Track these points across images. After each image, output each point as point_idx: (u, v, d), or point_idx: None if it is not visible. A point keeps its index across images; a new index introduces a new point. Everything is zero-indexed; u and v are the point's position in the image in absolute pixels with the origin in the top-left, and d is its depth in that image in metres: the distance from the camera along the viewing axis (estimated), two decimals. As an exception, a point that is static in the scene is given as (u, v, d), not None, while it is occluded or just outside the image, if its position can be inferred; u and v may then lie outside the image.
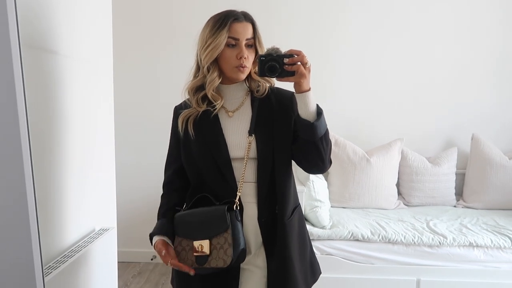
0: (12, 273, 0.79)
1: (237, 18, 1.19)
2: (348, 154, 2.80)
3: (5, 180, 0.80)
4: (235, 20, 1.18)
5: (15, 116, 0.74)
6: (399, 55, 3.05)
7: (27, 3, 1.26)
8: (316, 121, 1.13)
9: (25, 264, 0.78)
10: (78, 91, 1.58)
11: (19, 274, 0.79)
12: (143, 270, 3.09)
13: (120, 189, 2.37)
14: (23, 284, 0.78)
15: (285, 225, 1.23)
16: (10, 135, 0.78)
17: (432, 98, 3.07)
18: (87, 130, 1.68)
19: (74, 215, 1.57)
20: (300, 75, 1.10)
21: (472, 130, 2.97)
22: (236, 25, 1.18)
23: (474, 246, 2.26)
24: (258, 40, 1.23)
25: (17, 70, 0.74)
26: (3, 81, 0.80)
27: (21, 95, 0.75)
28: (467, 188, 2.92)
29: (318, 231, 2.32)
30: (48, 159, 1.40)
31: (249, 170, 1.22)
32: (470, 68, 3.04)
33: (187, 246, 1.19)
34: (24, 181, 0.75)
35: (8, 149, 0.76)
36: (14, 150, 0.78)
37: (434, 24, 3.01)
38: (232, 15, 1.19)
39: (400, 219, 2.55)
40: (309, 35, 3.03)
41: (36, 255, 0.77)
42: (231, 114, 1.26)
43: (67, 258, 1.42)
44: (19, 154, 0.76)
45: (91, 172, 1.72)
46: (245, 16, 1.21)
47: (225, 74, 1.23)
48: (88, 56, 1.68)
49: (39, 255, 0.79)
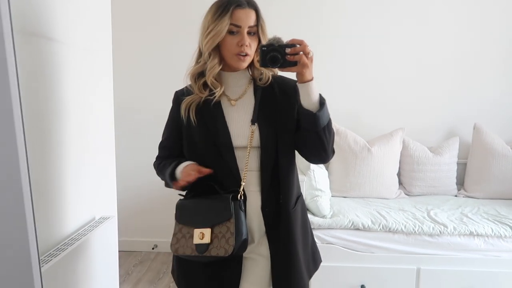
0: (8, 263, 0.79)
1: (240, 4, 1.16)
2: (349, 144, 2.79)
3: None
4: (237, 7, 1.16)
5: (8, 104, 0.73)
6: (401, 44, 3.02)
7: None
8: (318, 112, 1.12)
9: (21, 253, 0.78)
10: (76, 78, 1.57)
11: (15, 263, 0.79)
12: (145, 259, 3.11)
13: (121, 178, 2.37)
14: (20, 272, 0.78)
15: (289, 214, 1.23)
16: (4, 123, 0.77)
17: (434, 87, 3.04)
18: (86, 118, 1.68)
19: (73, 204, 1.57)
20: (302, 65, 1.09)
21: (474, 120, 2.95)
22: (239, 12, 1.16)
23: (475, 235, 2.26)
24: (261, 27, 1.20)
25: (10, 56, 0.72)
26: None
27: (14, 82, 0.74)
28: (468, 177, 2.91)
29: (318, 220, 2.32)
30: (46, 147, 1.39)
31: (253, 159, 1.22)
32: (473, 57, 3.01)
33: (187, 234, 1.18)
34: (19, 170, 0.75)
35: (2, 137, 0.76)
36: (8, 138, 0.77)
37: (436, 13, 2.98)
38: (235, 1, 1.16)
39: (401, 208, 2.55)
40: (309, 24, 3.00)
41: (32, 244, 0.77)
42: (234, 103, 1.25)
43: (67, 246, 1.42)
44: (14, 142, 0.75)
45: (90, 160, 1.71)
46: (249, 3, 1.18)
47: (226, 62, 1.22)
48: (86, 42, 1.67)
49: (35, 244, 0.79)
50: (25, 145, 0.78)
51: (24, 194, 0.76)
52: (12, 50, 0.74)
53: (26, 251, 0.76)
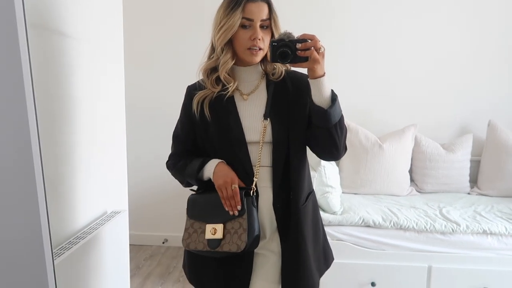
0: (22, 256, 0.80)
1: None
2: (361, 140, 2.76)
3: (14, 163, 0.80)
4: (249, 0, 1.14)
5: (22, 98, 0.74)
6: (413, 38, 2.97)
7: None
8: (330, 108, 1.10)
9: (34, 245, 0.79)
10: (87, 72, 1.58)
11: (28, 255, 0.80)
12: (155, 253, 3.14)
13: (132, 172, 2.39)
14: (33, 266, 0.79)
15: (299, 210, 1.22)
16: (18, 118, 0.78)
17: (447, 83, 3.00)
18: (97, 113, 1.68)
19: (85, 198, 1.58)
20: (313, 61, 1.07)
21: (488, 116, 2.90)
22: (251, 5, 1.14)
23: (488, 234, 2.22)
24: (274, 21, 1.19)
25: (23, 51, 0.73)
26: (10, 62, 0.79)
27: (28, 77, 0.75)
28: (482, 175, 2.87)
29: (329, 217, 2.31)
30: (58, 142, 1.40)
31: (265, 154, 1.21)
32: (487, 51, 2.95)
33: (199, 229, 1.18)
34: (33, 163, 0.75)
35: (16, 131, 0.76)
36: (22, 132, 0.78)
37: (449, 5, 2.92)
38: None
39: (413, 205, 2.52)
40: (320, 19, 2.97)
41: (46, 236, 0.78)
42: (246, 97, 1.24)
43: (79, 239, 1.43)
44: (27, 136, 0.76)
45: (101, 155, 1.72)
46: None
47: (239, 56, 1.21)
48: (97, 37, 1.67)
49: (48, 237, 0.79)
50: (38, 141, 0.78)
51: (38, 189, 0.76)
52: (25, 46, 0.74)
53: (39, 245, 0.76)
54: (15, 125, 0.76)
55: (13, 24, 0.76)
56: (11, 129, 0.77)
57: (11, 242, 0.80)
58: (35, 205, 0.76)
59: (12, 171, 0.78)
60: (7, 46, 0.74)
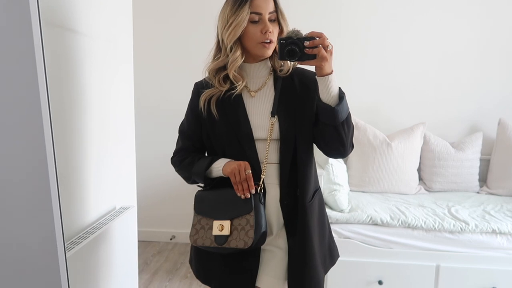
0: (35, 248, 0.81)
1: None
2: (369, 138, 2.75)
3: (27, 157, 0.81)
4: None
5: (36, 95, 0.75)
6: (422, 36, 2.95)
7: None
8: (337, 106, 1.11)
9: (47, 239, 0.80)
10: (98, 70, 1.59)
11: (41, 248, 0.82)
12: (163, 249, 3.16)
13: (140, 169, 2.41)
14: (46, 258, 0.80)
15: (306, 207, 1.23)
16: (32, 115, 0.79)
17: (456, 81, 2.97)
18: (107, 109, 1.70)
19: (95, 193, 1.60)
20: (321, 58, 1.07)
21: (498, 114, 2.87)
22: (257, 0, 1.15)
23: (497, 233, 2.20)
24: (281, 13, 1.19)
25: (38, 48, 0.74)
26: (25, 60, 0.81)
27: (42, 73, 0.76)
28: (491, 174, 2.84)
29: (336, 215, 2.30)
30: (69, 139, 1.42)
31: (272, 151, 1.21)
32: (496, 49, 2.91)
33: (206, 225, 1.19)
34: (46, 159, 0.77)
35: (31, 127, 0.77)
36: (37, 128, 0.79)
37: (458, 3, 2.89)
38: None
39: (421, 204, 2.51)
40: (328, 17, 2.96)
41: (58, 230, 0.79)
42: (254, 94, 1.24)
43: (89, 234, 1.45)
44: (41, 132, 0.77)
45: (111, 151, 1.74)
46: None
47: (250, 52, 1.21)
48: (108, 34, 1.68)
49: (61, 231, 0.81)
50: (52, 138, 0.79)
51: (51, 184, 0.78)
52: (40, 44, 0.75)
53: (52, 240, 0.78)
54: (30, 123, 0.78)
55: (28, 22, 0.77)
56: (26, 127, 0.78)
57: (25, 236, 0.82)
58: (48, 201, 0.78)
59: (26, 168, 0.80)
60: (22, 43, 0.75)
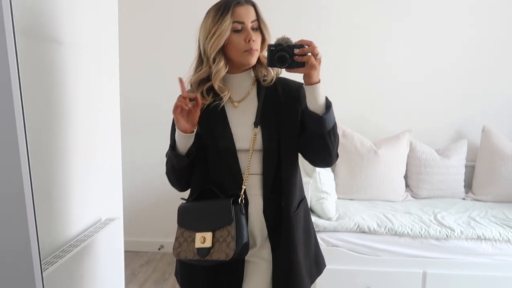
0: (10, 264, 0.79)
1: (238, 2, 1.16)
2: (356, 146, 2.77)
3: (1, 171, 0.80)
4: (237, 4, 1.16)
5: (10, 107, 0.74)
6: (408, 45, 3.00)
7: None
8: (324, 114, 1.11)
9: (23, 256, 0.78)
10: (82, 81, 1.59)
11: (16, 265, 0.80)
12: (151, 259, 3.13)
13: (128, 178, 2.39)
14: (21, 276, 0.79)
15: (290, 218, 1.23)
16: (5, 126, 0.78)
17: (441, 89, 3.02)
18: (93, 119, 1.69)
19: (79, 205, 1.59)
20: (310, 66, 1.07)
21: (482, 122, 2.92)
22: (239, 9, 1.16)
23: (482, 239, 2.23)
24: (263, 21, 1.20)
25: (12, 59, 0.73)
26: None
27: (16, 85, 0.75)
28: (476, 180, 2.88)
29: (324, 223, 2.31)
30: (52, 149, 1.41)
31: (255, 162, 1.21)
32: (481, 59, 2.98)
33: (189, 238, 1.18)
34: (21, 172, 0.75)
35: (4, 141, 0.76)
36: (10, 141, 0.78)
37: (442, 12, 2.95)
38: (234, 0, 1.16)
39: (408, 211, 2.53)
40: (314, 26, 2.99)
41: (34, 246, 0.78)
42: (237, 104, 1.24)
43: (73, 247, 1.43)
44: (15, 145, 0.76)
45: (96, 161, 1.73)
46: (246, 0, 1.19)
47: (234, 61, 1.20)
48: (92, 45, 1.68)
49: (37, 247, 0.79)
50: (26, 149, 0.78)
51: (26, 199, 0.77)
52: (13, 52, 0.74)
53: (28, 255, 0.76)
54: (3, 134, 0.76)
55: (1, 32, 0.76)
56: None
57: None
58: (23, 215, 0.77)
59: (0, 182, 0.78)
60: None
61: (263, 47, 1.21)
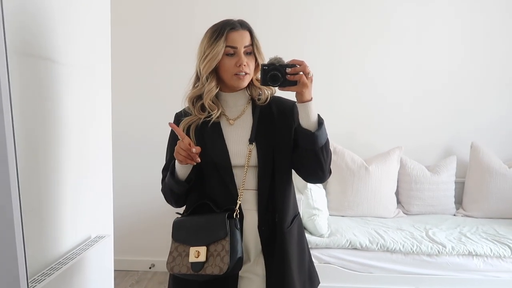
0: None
1: (233, 27, 1.21)
2: (347, 162, 2.79)
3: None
4: (231, 29, 1.20)
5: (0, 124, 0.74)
6: (398, 63, 3.05)
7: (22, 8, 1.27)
8: (317, 131, 1.14)
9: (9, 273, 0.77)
10: (75, 97, 1.60)
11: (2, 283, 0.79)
12: (141, 278, 3.08)
13: (118, 196, 2.37)
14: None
15: (284, 233, 1.24)
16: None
17: (431, 106, 3.07)
18: (85, 137, 1.69)
19: (69, 222, 1.57)
20: (302, 85, 1.11)
21: (471, 138, 2.96)
22: (233, 34, 1.20)
23: (474, 255, 2.24)
24: (257, 46, 1.24)
25: (3, 77, 0.74)
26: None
27: (7, 102, 0.76)
28: (466, 196, 2.91)
29: (316, 240, 2.31)
30: (43, 166, 1.40)
31: (250, 177, 1.23)
32: (469, 76, 3.04)
33: (183, 252, 1.18)
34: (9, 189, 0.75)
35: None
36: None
37: (432, 32, 3.02)
38: (229, 25, 1.21)
39: (399, 227, 2.53)
40: (306, 44, 3.04)
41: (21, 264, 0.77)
42: (232, 122, 1.28)
43: (62, 265, 1.41)
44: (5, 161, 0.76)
45: (87, 179, 1.72)
46: (242, 24, 1.23)
47: (226, 83, 1.25)
48: (85, 63, 1.69)
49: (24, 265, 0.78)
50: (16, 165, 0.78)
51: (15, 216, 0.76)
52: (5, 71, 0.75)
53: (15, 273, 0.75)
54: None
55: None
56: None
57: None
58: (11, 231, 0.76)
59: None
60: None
61: (256, 71, 1.25)
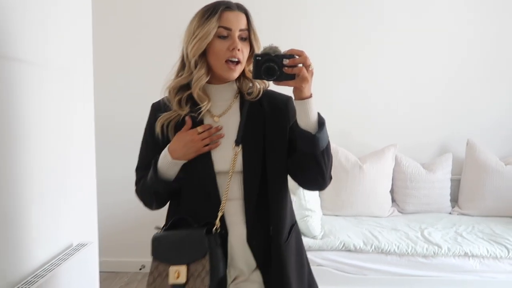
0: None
1: (229, 6, 1.06)
2: (341, 161, 2.73)
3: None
4: (227, 9, 1.06)
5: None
6: (393, 59, 2.99)
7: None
8: (317, 133, 1.00)
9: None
10: (53, 101, 1.52)
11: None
12: (131, 280, 3.01)
13: (104, 195, 2.28)
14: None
15: (281, 248, 1.10)
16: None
17: (426, 103, 3.01)
18: (63, 141, 1.61)
19: (47, 230, 1.49)
20: (301, 79, 0.96)
21: (466, 136, 2.91)
22: (228, 14, 1.05)
23: (470, 256, 2.19)
24: (253, 32, 1.09)
25: None
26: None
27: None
28: (462, 194, 2.86)
29: (308, 241, 2.24)
30: (16, 171, 1.32)
31: (234, 185, 1.09)
32: (465, 73, 2.99)
33: (163, 272, 1.06)
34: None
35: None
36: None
37: (428, 28, 2.96)
38: (224, 3, 1.07)
39: (394, 227, 2.48)
40: (300, 39, 2.96)
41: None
42: (217, 119, 1.12)
43: (38, 278, 1.33)
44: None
45: (68, 184, 1.64)
46: (238, 6, 1.09)
47: (214, 72, 1.10)
48: (65, 64, 1.61)
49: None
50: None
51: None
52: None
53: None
54: None
55: None
56: None
57: None
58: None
59: None
60: None
61: (250, 61, 1.09)
